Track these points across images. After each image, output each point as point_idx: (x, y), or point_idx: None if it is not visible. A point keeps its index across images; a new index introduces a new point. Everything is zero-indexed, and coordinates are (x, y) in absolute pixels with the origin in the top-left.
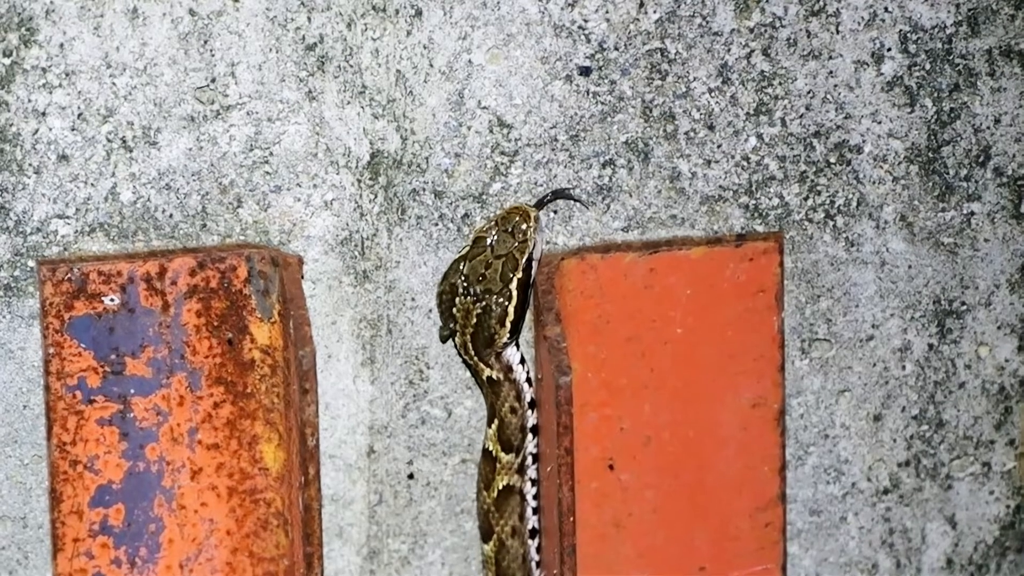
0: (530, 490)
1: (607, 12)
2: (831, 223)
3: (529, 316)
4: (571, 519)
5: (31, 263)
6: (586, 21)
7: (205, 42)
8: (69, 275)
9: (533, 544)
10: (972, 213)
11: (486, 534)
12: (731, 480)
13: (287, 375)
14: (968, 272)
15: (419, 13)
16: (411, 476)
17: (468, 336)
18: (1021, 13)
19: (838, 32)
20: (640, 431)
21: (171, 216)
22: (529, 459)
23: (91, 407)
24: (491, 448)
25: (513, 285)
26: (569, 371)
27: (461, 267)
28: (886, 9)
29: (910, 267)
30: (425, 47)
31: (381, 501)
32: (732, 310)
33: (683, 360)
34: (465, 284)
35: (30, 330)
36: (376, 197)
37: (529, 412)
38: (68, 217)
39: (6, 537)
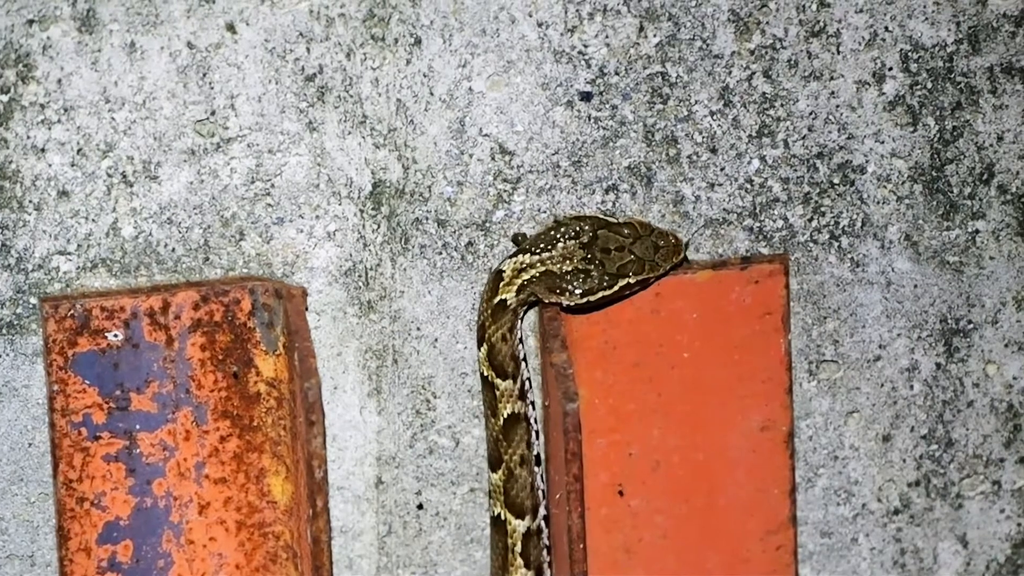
0: (532, 414)
1: (607, 37)
2: (836, 244)
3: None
4: (581, 546)
5: (33, 300)
6: (586, 46)
7: (204, 75)
8: (72, 312)
9: (539, 471)
10: (977, 231)
11: (495, 463)
12: (741, 503)
13: (293, 407)
14: (974, 290)
15: (418, 42)
16: (420, 506)
17: (539, 268)
18: (1021, 30)
19: (839, 52)
20: (649, 456)
21: (173, 250)
22: (527, 384)
23: (97, 443)
24: (486, 373)
25: (620, 283)
26: (576, 397)
27: (598, 226)
28: (886, 28)
29: (916, 286)
30: (425, 75)
31: (390, 532)
32: (739, 333)
33: (691, 384)
34: (589, 240)
35: (34, 367)
36: (379, 227)
37: (519, 344)
38: (70, 253)
39: None
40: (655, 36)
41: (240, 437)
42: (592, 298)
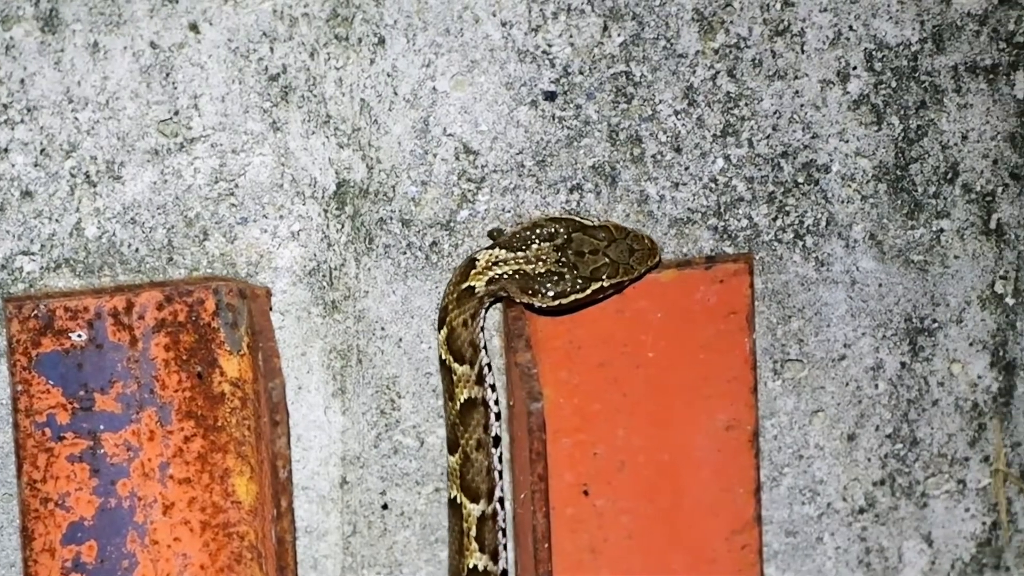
0: (491, 396)
1: (571, 36)
2: (800, 243)
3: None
4: (546, 546)
5: None
6: (550, 46)
7: (167, 75)
8: (36, 312)
9: (496, 453)
10: (941, 230)
11: (452, 446)
12: (706, 503)
13: (257, 407)
14: (939, 289)
15: (382, 41)
16: (385, 506)
17: (512, 266)
18: (985, 29)
19: (803, 52)
20: (614, 456)
21: (137, 250)
22: (485, 370)
23: (61, 444)
24: (444, 356)
25: (593, 287)
26: (541, 397)
27: (573, 229)
28: (851, 28)
29: (880, 285)
30: (389, 75)
31: (355, 532)
32: (703, 333)
33: (655, 384)
34: (564, 242)
35: None
36: (343, 227)
37: (480, 332)
38: (33, 254)
39: None
40: (619, 35)
41: (204, 437)
42: (564, 301)
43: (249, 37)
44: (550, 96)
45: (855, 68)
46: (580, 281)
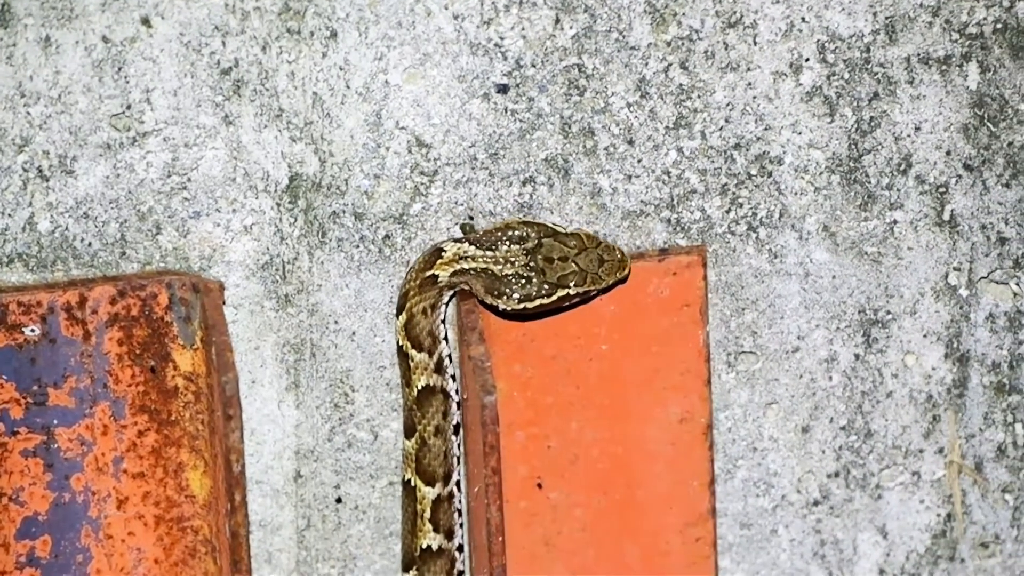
0: (452, 385)
1: (523, 29)
2: (754, 235)
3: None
4: (500, 539)
5: None
6: (502, 39)
7: (119, 69)
8: None
9: (457, 439)
10: (895, 222)
11: (408, 431)
12: (661, 496)
13: (211, 401)
14: (892, 281)
15: (334, 35)
16: (339, 500)
17: (479, 263)
18: (938, 20)
19: (756, 43)
20: (568, 449)
21: (90, 245)
22: (446, 360)
23: (15, 439)
24: (401, 343)
25: (559, 293)
26: (494, 390)
27: (544, 234)
28: (803, 19)
29: (834, 277)
30: (341, 68)
31: (309, 526)
32: (657, 325)
33: (609, 377)
34: (534, 246)
35: None
36: (296, 220)
37: (440, 324)
38: None
39: None
40: (571, 28)
41: (158, 431)
42: (529, 305)
43: (201, 31)
44: (502, 89)
45: (808, 60)
46: (546, 287)
